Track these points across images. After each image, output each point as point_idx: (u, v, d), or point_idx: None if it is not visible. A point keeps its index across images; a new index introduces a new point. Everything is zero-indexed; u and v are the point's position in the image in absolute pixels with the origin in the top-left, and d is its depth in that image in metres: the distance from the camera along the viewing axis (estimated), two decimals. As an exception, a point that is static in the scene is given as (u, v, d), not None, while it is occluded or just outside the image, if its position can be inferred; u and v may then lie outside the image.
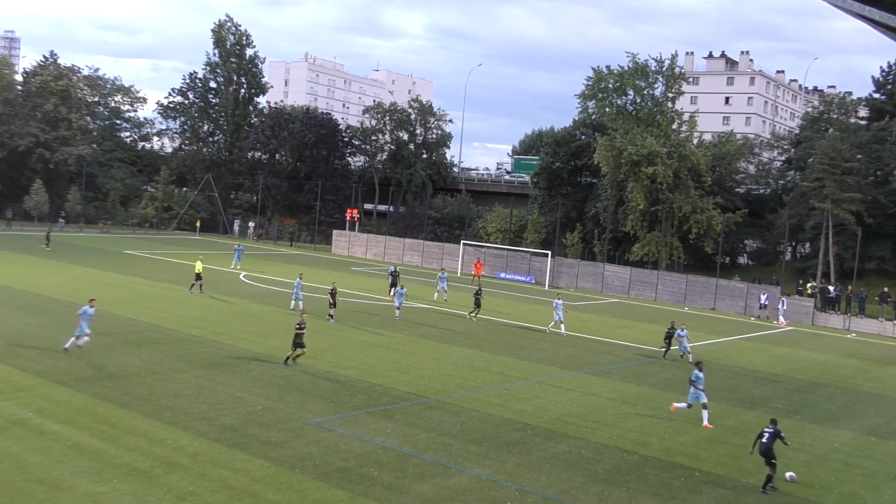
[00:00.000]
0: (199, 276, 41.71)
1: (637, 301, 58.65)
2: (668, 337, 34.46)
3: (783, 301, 52.94)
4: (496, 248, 69.66)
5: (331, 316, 36.38)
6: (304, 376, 25.27)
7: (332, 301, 36.45)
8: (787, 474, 18.93)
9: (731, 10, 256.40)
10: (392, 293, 45.50)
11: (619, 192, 67.77)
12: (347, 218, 79.41)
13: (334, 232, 79.81)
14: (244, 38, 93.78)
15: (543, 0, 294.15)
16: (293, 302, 38.85)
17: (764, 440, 18.42)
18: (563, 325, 38.34)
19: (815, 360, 38.78)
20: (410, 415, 21.93)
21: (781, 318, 52.37)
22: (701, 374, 23.66)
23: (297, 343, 26.49)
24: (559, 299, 39.88)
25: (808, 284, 57.67)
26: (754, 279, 61.75)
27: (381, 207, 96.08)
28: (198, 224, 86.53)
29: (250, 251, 67.44)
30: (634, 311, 52.30)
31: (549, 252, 64.97)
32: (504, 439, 20.45)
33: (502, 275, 65.97)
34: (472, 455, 18.97)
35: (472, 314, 40.86)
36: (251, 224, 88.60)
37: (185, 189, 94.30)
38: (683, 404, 24.02)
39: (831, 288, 55.65)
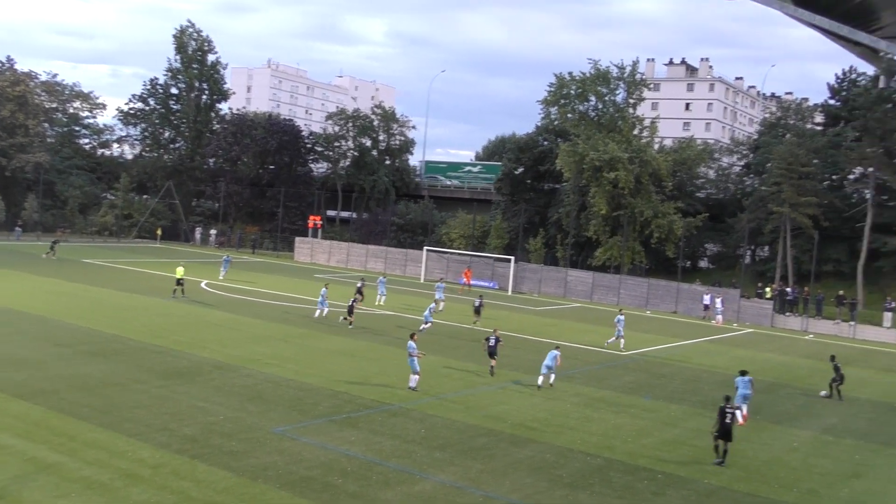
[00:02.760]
0: (179, 282, 43.54)
1: (600, 305, 59.06)
2: (837, 371, 29.64)
3: (720, 300, 54.00)
4: (459, 253, 69.72)
5: (345, 318, 38.52)
6: (266, 385, 25.09)
7: (361, 296, 40.12)
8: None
9: (690, 18, 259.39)
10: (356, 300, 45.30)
11: (581, 197, 68.25)
12: (310, 225, 78.95)
13: (297, 239, 79.23)
14: (206, 44, 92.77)
15: (503, 7, 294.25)
16: (318, 310, 40.10)
17: (728, 420, 20.42)
18: (622, 341, 37.94)
19: (775, 361, 39.38)
20: (374, 422, 21.88)
21: (719, 316, 53.38)
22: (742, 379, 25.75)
23: (491, 353, 29.50)
24: (621, 315, 39.28)
25: (768, 288, 58.44)
26: (714, 282, 62.54)
27: (344, 214, 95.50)
28: (158, 232, 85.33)
29: (212, 259, 66.77)
30: (597, 315, 52.62)
31: (512, 258, 65.23)
32: (468, 445, 20.49)
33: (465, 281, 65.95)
34: (437, 462, 18.98)
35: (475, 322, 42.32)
36: (213, 231, 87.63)
37: (145, 196, 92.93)
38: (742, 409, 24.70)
39: (789, 290, 56.55)
